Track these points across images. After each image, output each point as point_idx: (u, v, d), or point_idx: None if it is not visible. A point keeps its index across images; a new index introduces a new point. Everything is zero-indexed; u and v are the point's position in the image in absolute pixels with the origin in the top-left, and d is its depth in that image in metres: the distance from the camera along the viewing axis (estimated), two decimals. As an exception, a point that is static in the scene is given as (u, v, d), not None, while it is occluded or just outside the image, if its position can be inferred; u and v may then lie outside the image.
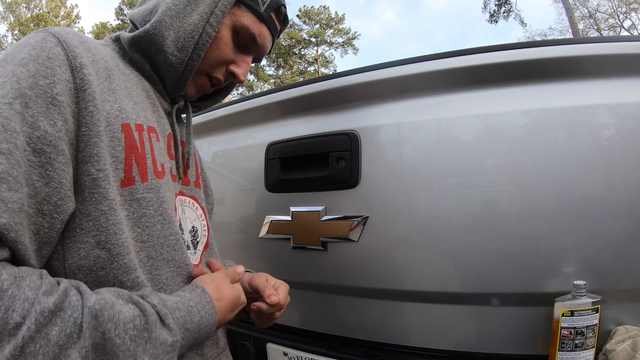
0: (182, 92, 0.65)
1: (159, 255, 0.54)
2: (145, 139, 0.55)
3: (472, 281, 0.79)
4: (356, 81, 0.91)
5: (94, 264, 0.47)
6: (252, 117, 1.10)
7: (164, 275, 0.55)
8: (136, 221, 0.52)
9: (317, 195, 0.94)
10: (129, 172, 0.51)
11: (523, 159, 0.76)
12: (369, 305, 0.91)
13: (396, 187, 0.85)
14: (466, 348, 0.82)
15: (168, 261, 0.55)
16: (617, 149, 0.72)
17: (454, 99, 0.83)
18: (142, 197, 0.52)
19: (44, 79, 0.45)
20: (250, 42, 0.65)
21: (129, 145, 0.52)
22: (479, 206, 0.78)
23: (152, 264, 0.53)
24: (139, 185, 0.52)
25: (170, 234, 0.56)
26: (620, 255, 0.72)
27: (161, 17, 0.59)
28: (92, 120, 0.47)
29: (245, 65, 0.67)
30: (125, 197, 0.51)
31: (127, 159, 0.51)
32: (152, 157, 0.56)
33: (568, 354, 0.71)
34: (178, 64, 0.60)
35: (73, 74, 0.47)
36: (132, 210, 0.51)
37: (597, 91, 0.75)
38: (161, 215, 0.54)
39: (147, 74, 0.62)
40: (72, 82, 0.47)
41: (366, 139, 0.88)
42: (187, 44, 0.59)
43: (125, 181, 0.51)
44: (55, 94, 0.45)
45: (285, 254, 0.99)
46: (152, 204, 0.53)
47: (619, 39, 0.76)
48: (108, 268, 0.47)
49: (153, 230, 0.53)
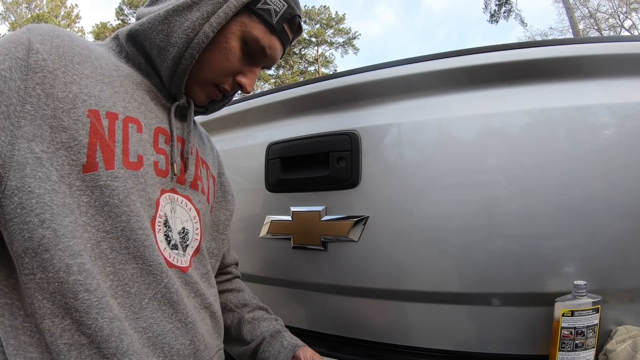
0: (181, 90, 0.63)
1: (123, 249, 0.52)
2: (118, 128, 0.54)
3: (472, 281, 0.79)
4: (356, 81, 0.91)
5: (38, 245, 0.45)
6: (253, 117, 1.10)
7: (129, 272, 0.52)
8: (98, 209, 0.50)
9: (318, 195, 0.94)
10: (92, 157, 0.50)
11: (523, 159, 0.76)
12: (369, 305, 0.91)
13: (396, 187, 0.85)
14: (466, 348, 0.82)
15: (135, 257, 0.52)
16: (618, 149, 0.72)
17: (454, 99, 0.83)
18: (106, 185, 0.51)
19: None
20: (260, 54, 0.63)
21: (94, 131, 0.51)
22: (479, 206, 0.78)
23: (115, 256, 0.51)
24: (102, 172, 0.51)
25: (138, 227, 0.53)
26: (621, 255, 0.72)
27: (159, 13, 0.58)
28: (38, 102, 0.48)
29: (252, 75, 0.66)
30: (87, 183, 0.50)
31: (90, 144, 0.50)
32: (122, 146, 0.54)
33: (568, 354, 0.71)
34: (170, 59, 0.59)
35: (28, 55, 0.48)
36: (94, 198, 0.50)
37: (598, 91, 0.75)
38: (128, 207, 0.52)
39: (142, 68, 0.62)
40: (25, 61, 0.48)
41: (366, 139, 0.89)
42: (179, 39, 0.57)
43: (87, 166, 0.50)
44: (1, 69, 0.46)
45: (286, 253, 0.99)
46: (117, 193, 0.51)
47: (619, 39, 0.76)
48: (53, 250, 0.46)
49: (117, 221, 0.51)
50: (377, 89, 0.90)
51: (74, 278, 0.46)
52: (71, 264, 0.46)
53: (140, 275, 0.53)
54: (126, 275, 0.52)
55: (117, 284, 0.51)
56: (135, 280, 0.52)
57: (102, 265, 0.50)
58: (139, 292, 0.52)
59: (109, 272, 0.50)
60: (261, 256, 1.06)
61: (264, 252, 1.05)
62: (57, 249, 0.46)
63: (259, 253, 1.06)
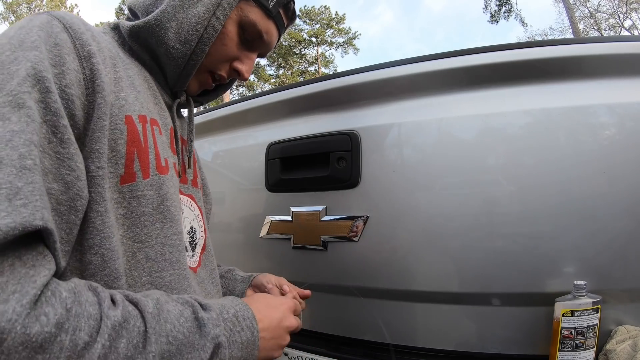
0: (184, 87, 0.62)
1: (159, 256, 0.50)
2: (149, 132, 0.51)
3: (472, 281, 0.79)
4: (357, 81, 0.91)
5: (85, 269, 0.43)
6: (253, 117, 1.10)
7: (167, 278, 0.51)
8: (134, 220, 0.48)
9: (318, 195, 0.94)
10: (130, 167, 0.48)
11: (523, 159, 0.76)
12: (369, 305, 0.91)
13: (397, 187, 0.85)
14: (466, 348, 0.82)
15: (172, 263, 0.51)
16: (618, 149, 0.72)
17: (454, 99, 0.83)
18: (142, 195, 0.49)
19: (53, 67, 0.41)
20: (257, 39, 0.62)
21: (131, 139, 0.48)
22: (480, 206, 0.78)
23: (151, 265, 0.49)
24: (139, 182, 0.48)
25: (172, 233, 0.52)
26: (621, 255, 0.72)
27: (164, 8, 0.55)
28: (98, 113, 0.44)
29: (249, 62, 0.64)
30: (125, 195, 0.47)
31: (128, 153, 0.47)
32: (155, 151, 0.52)
33: (568, 354, 0.71)
34: (180, 57, 0.57)
35: (82, 63, 0.44)
36: (131, 209, 0.48)
37: (598, 91, 0.75)
38: (161, 214, 0.51)
39: (147, 65, 0.59)
40: (81, 73, 0.44)
41: (367, 139, 0.89)
42: (190, 37, 0.55)
43: (125, 177, 0.47)
44: (64, 85, 0.41)
45: (286, 253, 0.99)
46: (151, 201, 0.50)
47: (619, 39, 0.76)
48: (99, 275, 0.44)
49: (152, 229, 0.50)
50: (377, 89, 0.90)
51: None
52: (114, 287, 0.45)
53: (177, 282, 0.52)
54: (164, 283, 0.51)
55: None
56: (173, 287, 0.51)
57: (137, 276, 0.48)
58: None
59: (145, 282, 0.49)
60: (261, 256, 1.06)
61: (264, 252, 1.05)
62: (102, 274, 0.44)
63: (259, 253, 1.06)
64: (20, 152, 0.35)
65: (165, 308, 0.42)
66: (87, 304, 0.36)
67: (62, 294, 0.35)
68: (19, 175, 0.34)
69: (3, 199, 0.32)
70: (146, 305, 0.41)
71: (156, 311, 0.41)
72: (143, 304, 0.41)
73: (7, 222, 0.32)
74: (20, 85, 0.38)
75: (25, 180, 0.34)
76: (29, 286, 0.32)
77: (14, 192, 0.33)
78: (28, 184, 0.34)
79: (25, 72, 0.38)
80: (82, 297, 0.36)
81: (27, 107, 0.37)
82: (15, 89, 0.37)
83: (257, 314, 0.52)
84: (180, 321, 0.42)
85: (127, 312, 0.39)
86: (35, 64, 0.39)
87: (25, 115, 0.37)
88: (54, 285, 0.35)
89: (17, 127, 0.36)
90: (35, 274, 0.34)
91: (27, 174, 0.35)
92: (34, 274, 0.33)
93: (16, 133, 0.35)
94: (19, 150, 0.35)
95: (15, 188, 0.33)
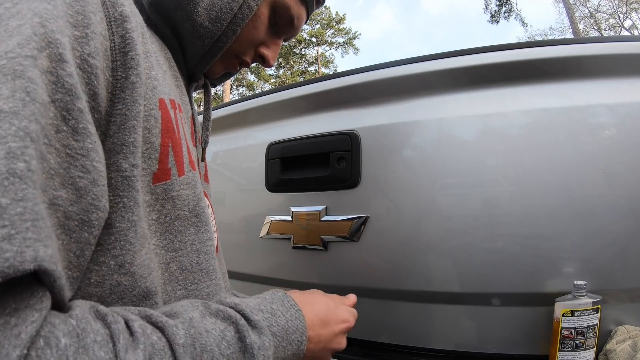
0: (204, 70, 0.54)
1: (195, 266, 0.43)
2: (180, 119, 0.43)
3: (472, 281, 0.79)
4: (357, 81, 0.91)
5: (109, 293, 0.34)
6: (253, 117, 1.10)
7: (205, 290, 0.44)
8: (168, 226, 0.40)
9: (318, 195, 0.94)
10: (164, 162, 0.39)
11: (523, 159, 0.76)
12: (369, 305, 0.91)
13: (397, 187, 0.85)
14: (466, 348, 0.82)
15: (208, 272, 0.45)
16: (618, 149, 0.72)
17: (454, 99, 0.83)
18: (178, 195, 0.41)
19: (73, 28, 0.30)
20: (287, 24, 0.56)
21: (166, 128, 0.39)
22: (480, 206, 0.78)
23: (186, 276, 0.42)
24: (174, 179, 0.40)
25: (207, 238, 0.45)
26: (621, 255, 0.72)
27: None
28: (132, 95, 0.34)
29: (275, 48, 0.59)
30: (158, 196, 0.39)
31: (162, 145, 0.39)
32: (186, 142, 0.44)
33: (568, 354, 0.71)
34: (207, 37, 0.49)
35: (110, 28, 0.34)
36: (165, 212, 0.39)
37: (598, 91, 0.75)
38: (196, 217, 0.44)
39: (167, 40, 0.50)
40: (109, 40, 0.33)
41: (367, 139, 0.89)
42: (222, 15, 0.48)
43: (158, 175, 0.38)
44: (87, 54, 0.31)
45: (286, 254, 0.99)
46: (187, 202, 0.42)
47: (619, 39, 0.76)
48: (127, 297, 0.34)
49: (186, 235, 0.42)
50: (377, 89, 0.90)
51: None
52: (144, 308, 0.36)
53: (215, 293, 0.46)
54: (201, 296, 0.44)
55: None
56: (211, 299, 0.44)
57: (172, 290, 0.41)
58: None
59: (180, 297, 0.41)
60: (261, 256, 1.06)
61: (264, 252, 1.05)
62: (131, 295, 0.35)
63: (259, 253, 1.06)
64: (9, 148, 0.23)
65: (202, 328, 0.33)
66: (96, 347, 0.26)
67: (59, 343, 0.25)
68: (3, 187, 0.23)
69: None
70: (176, 333, 0.31)
71: (189, 340, 0.31)
72: (172, 332, 0.31)
73: None
74: (21, 46, 0.26)
75: (12, 194, 0.23)
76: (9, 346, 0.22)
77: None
78: (16, 201, 0.23)
79: (30, 30, 0.27)
80: (87, 337, 0.26)
81: (26, 79, 0.25)
82: (13, 50, 0.26)
83: (310, 329, 0.45)
84: (221, 348, 0.33)
85: (150, 349, 0.29)
86: (46, 20, 0.28)
87: (22, 90, 0.25)
88: (47, 331, 0.25)
89: (7, 106, 0.24)
90: (19, 324, 0.23)
91: (17, 185, 0.23)
92: (16, 325, 0.23)
93: (5, 115, 0.24)
94: (6, 145, 0.23)
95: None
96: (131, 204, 0.34)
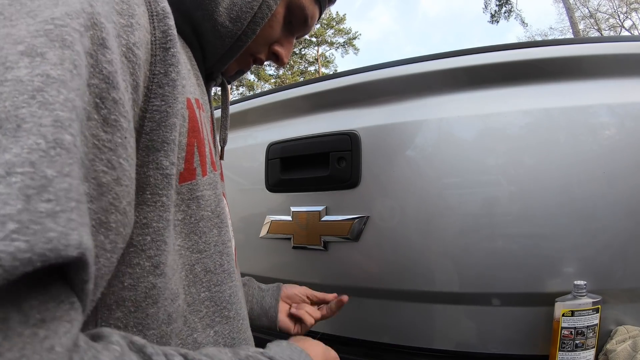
0: (223, 69, 0.55)
1: (218, 267, 0.43)
2: (203, 118, 0.44)
3: (472, 281, 0.79)
4: (357, 81, 0.91)
5: (144, 297, 0.32)
6: (253, 117, 1.10)
7: (227, 292, 0.44)
8: (193, 226, 0.40)
9: (318, 195, 0.94)
10: (190, 162, 0.39)
11: (524, 159, 0.76)
12: (369, 305, 0.91)
13: (397, 187, 0.85)
14: (466, 348, 0.82)
15: (230, 274, 0.44)
16: (618, 149, 0.72)
17: (454, 99, 0.83)
18: (202, 195, 0.40)
19: (119, 16, 0.29)
20: (301, 23, 0.57)
21: (192, 127, 0.39)
22: (480, 206, 0.78)
23: (210, 278, 0.42)
24: (199, 179, 0.40)
25: (228, 239, 0.45)
26: (621, 255, 0.72)
27: None
28: (173, 92, 0.33)
29: (289, 46, 0.59)
30: (184, 196, 0.38)
31: (189, 145, 0.38)
32: (209, 142, 0.44)
33: (568, 354, 0.71)
34: (228, 37, 0.49)
35: (152, 22, 0.33)
36: (190, 213, 0.39)
37: (598, 91, 0.75)
38: (218, 217, 0.43)
39: (187, 37, 0.50)
40: (150, 33, 0.33)
41: (367, 139, 0.89)
42: (243, 15, 0.48)
43: (185, 174, 0.38)
44: (133, 43, 0.29)
45: (286, 254, 0.99)
46: (210, 203, 0.42)
47: (619, 39, 0.76)
48: (161, 301, 0.33)
49: (210, 236, 0.42)
50: (377, 89, 0.90)
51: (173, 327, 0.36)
52: (172, 312, 0.35)
53: (235, 295, 0.46)
54: (224, 298, 0.43)
55: (214, 310, 0.42)
56: (232, 302, 0.44)
57: (196, 292, 0.40)
58: (237, 314, 0.45)
59: (204, 299, 0.41)
60: (261, 256, 1.06)
61: (264, 252, 1.05)
62: (163, 298, 0.34)
63: (259, 253, 1.06)
64: (57, 116, 0.20)
65: None
66: None
67: None
68: (50, 157, 0.19)
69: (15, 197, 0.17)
70: None
71: None
72: None
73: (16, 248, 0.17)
74: (70, 17, 0.23)
75: (59, 167, 0.19)
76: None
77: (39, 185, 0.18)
78: (63, 175, 0.20)
79: (79, 6, 0.25)
80: None
81: (75, 52, 0.23)
82: (62, 18, 0.23)
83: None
84: None
85: None
86: (94, 1, 0.26)
87: (70, 61, 0.22)
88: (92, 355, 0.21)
89: (55, 72, 0.21)
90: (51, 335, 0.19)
91: (63, 158, 0.20)
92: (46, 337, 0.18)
93: (53, 82, 0.21)
94: (54, 112, 0.20)
95: (41, 177, 0.18)
96: (169, 203, 0.34)
